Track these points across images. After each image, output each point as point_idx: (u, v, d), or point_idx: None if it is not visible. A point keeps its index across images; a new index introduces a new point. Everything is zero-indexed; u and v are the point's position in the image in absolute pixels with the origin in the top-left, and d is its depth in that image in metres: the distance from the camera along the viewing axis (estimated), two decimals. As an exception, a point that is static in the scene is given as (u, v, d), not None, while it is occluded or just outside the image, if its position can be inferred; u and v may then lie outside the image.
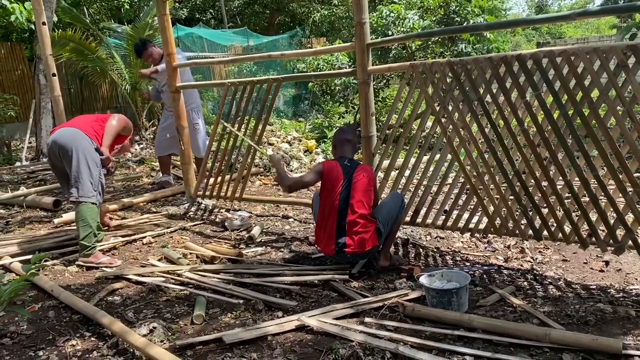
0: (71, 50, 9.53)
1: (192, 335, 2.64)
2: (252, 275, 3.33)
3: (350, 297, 2.98)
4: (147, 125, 10.31)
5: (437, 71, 3.49)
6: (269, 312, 2.87)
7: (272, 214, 4.82)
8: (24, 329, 2.80)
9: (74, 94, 13.13)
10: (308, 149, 7.33)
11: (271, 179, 6.18)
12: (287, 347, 2.48)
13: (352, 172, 3.36)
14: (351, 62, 7.91)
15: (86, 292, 3.25)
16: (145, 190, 5.94)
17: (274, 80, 4.43)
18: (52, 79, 6.44)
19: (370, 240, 3.23)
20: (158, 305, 3.01)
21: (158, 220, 4.75)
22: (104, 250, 3.96)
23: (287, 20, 18.85)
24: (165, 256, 3.77)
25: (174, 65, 4.95)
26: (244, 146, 4.97)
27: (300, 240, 4.02)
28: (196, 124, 5.75)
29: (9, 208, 5.54)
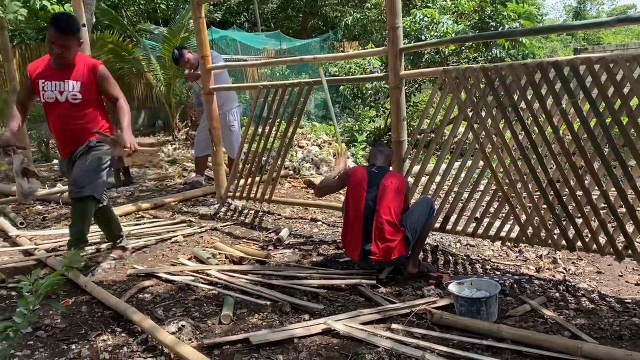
0: (109, 51, 9.76)
1: (219, 335, 2.67)
2: (279, 277, 3.35)
3: (377, 303, 2.97)
4: (181, 126, 10.47)
5: (470, 77, 3.46)
6: (295, 315, 2.88)
7: (301, 216, 4.84)
8: (57, 322, 2.88)
9: (110, 94, 13.41)
10: (338, 152, 7.33)
11: (300, 182, 6.21)
12: (313, 350, 2.49)
13: (380, 178, 3.34)
14: (383, 66, 7.89)
15: (117, 288, 3.32)
16: (177, 190, 6.04)
17: (305, 83, 4.45)
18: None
19: (397, 249, 3.19)
20: (187, 304, 3.06)
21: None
22: (136, 249, 4.04)
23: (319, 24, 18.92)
24: (195, 255, 3.82)
25: (208, 67, 5.03)
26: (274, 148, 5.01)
27: (328, 244, 4.03)
28: (232, 126, 5.84)
29: (45, 204, 5.70)
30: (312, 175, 6.41)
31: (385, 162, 3.53)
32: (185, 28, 9.79)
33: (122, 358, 2.48)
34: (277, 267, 3.57)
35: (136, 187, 6.37)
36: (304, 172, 6.57)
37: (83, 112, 3.47)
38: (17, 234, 4.32)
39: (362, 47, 11.10)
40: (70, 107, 3.43)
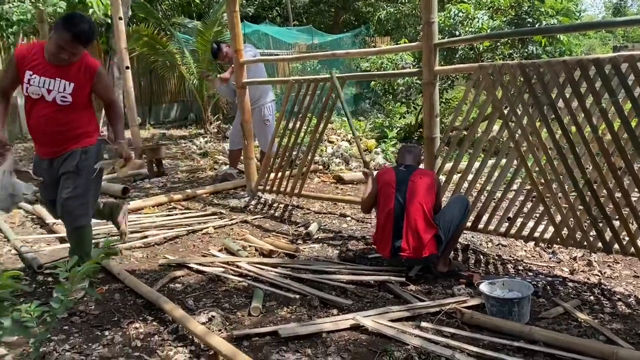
0: (144, 44, 9.92)
1: (249, 327, 2.69)
2: (308, 271, 3.36)
3: (406, 300, 2.95)
4: (212, 119, 10.58)
5: (507, 73, 3.39)
6: (324, 309, 2.89)
7: (330, 211, 4.84)
8: (92, 309, 2.95)
9: (143, 87, 13.67)
10: (368, 148, 7.30)
11: (329, 177, 6.21)
12: (342, 346, 2.49)
13: (409, 176, 3.33)
14: (415, 61, 7.81)
15: (149, 277, 3.39)
16: (209, 183, 6.11)
17: (338, 78, 4.43)
18: (126, 71, 6.77)
19: (428, 247, 3.17)
20: (217, 295, 3.10)
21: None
22: (167, 239, 4.10)
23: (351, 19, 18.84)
24: (225, 247, 3.87)
25: (241, 61, 5.06)
26: (304, 143, 5.03)
27: (357, 240, 4.02)
28: (267, 120, 5.86)
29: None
30: (342, 171, 6.40)
31: (414, 161, 3.51)
32: (219, 22, 9.87)
33: (153, 346, 2.52)
34: (306, 261, 3.58)
35: (168, 179, 6.47)
36: (333, 167, 6.57)
37: (70, 116, 3.06)
38: (54, 221, 4.43)
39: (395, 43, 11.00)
40: (56, 109, 3.00)
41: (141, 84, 13.42)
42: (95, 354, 2.47)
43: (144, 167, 4.43)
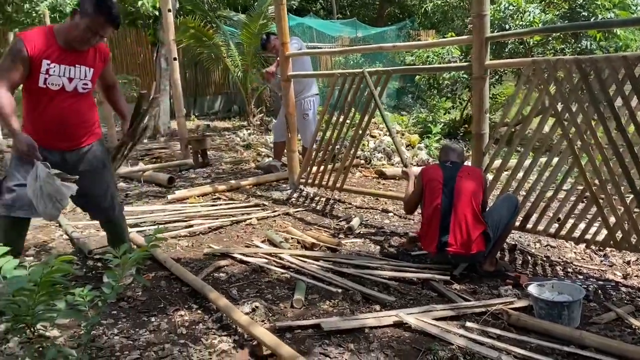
0: (190, 36, 10.08)
1: (291, 319, 2.70)
2: (350, 266, 3.35)
3: (450, 299, 2.90)
4: (255, 112, 10.68)
5: (561, 69, 3.27)
6: (366, 305, 2.87)
7: (372, 206, 4.81)
8: (139, 295, 3.03)
9: (189, 79, 13.91)
10: (410, 143, 7.21)
11: (371, 171, 6.16)
12: (385, 342, 2.47)
13: (456, 171, 3.29)
14: (462, 55, 7.65)
15: (194, 266, 3.44)
16: (252, 174, 6.17)
17: (383, 72, 4.39)
18: (173, 62, 6.89)
19: (476, 243, 3.11)
20: (260, 286, 3.12)
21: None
22: (212, 229, 4.16)
23: (396, 12, 18.62)
24: (268, 238, 3.89)
25: (287, 54, 5.07)
26: (347, 137, 5.00)
27: (400, 236, 3.97)
28: (306, 114, 5.87)
29: (128, 182, 5.99)
30: (384, 166, 6.35)
31: (459, 159, 3.45)
32: (264, 15, 9.93)
33: (198, 334, 2.56)
34: (348, 255, 3.57)
35: (213, 169, 6.57)
36: (375, 162, 6.52)
37: (87, 105, 2.95)
38: (103, 208, 4.56)
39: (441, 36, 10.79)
40: (77, 99, 2.86)
41: (187, 75, 13.66)
42: (142, 340, 2.52)
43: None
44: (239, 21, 11.19)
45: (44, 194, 2.66)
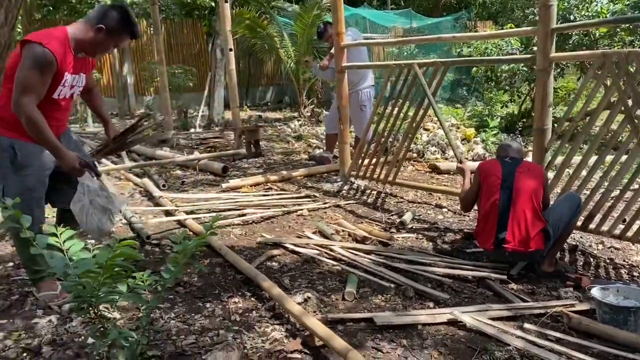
0: (245, 27, 10.18)
1: (343, 311, 2.70)
2: (402, 261, 3.30)
3: (507, 299, 2.82)
4: (307, 103, 10.70)
5: (634, 62, 3.09)
6: (419, 301, 2.83)
7: (425, 201, 4.73)
8: (195, 280, 3.10)
9: (242, 69, 14.09)
10: (466, 137, 7.04)
11: (424, 165, 6.06)
12: (438, 340, 2.42)
13: (515, 167, 3.19)
14: (523, 47, 7.38)
15: (248, 254, 3.49)
16: (302, 165, 6.19)
17: (441, 63, 4.28)
18: (229, 53, 6.99)
19: (535, 241, 3.00)
20: (312, 277, 3.13)
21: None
22: (264, 218, 4.21)
23: (452, 2, 18.18)
24: (319, 230, 3.89)
25: (342, 45, 5.03)
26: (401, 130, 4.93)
27: (454, 232, 3.89)
28: (363, 105, 5.83)
29: (184, 170, 6.15)
30: (437, 160, 6.23)
31: (518, 155, 3.34)
32: (318, 5, 9.90)
33: (251, 322, 2.60)
34: (400, 250, 3.52)
35: (265, 160, 6.64)
36: (428, 155, 6.41)
37: (70, 103, 2.87)
38: (160, 195, 4.70)
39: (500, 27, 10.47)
40: (67, 101, 2.78)
41: (240, 66, 13.84)
42: (197, 325, 2.58)
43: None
44: (293, 12, 11.21)
45: (97, 208, 2.65)
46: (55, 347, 2.36)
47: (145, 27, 13.07)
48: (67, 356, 2.28)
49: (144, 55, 12.94)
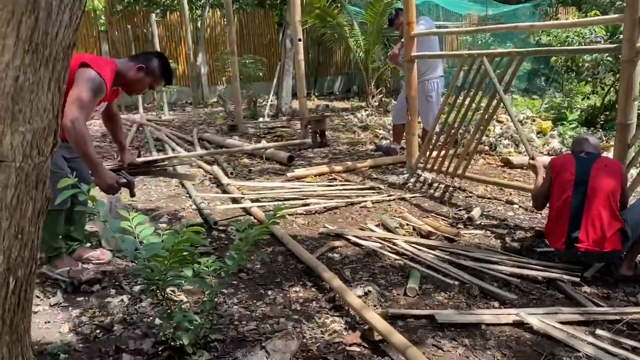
0: (315, 17, 10.19)
1: (404, 307, 2.66)
2: (468, 258, 3.21)
3: (579, 303, 2.67)
4: (375, 93, 10.61)
5: None
6: (483, 300, 2.74)
7: (495, 197, 4.56)
8: (257, 268, 3.16)
9: (311, 59, 14.17)
10: (542, 130, 6.71)
11: (496, 159, 5.85)
12: (502, 341, 2.34)
13: (591, 162, 3.01)
14: (608, 36, 6.92)
15: (310, 244, 3.51)
16: (368, 156, 6.15)
17: (517, 53, 4.09)
18: (298, 43, 7.03)
19: (611, 241, 2.83)
20: (373, 270, 3.11)
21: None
22: (327, 209, 4.22)
23: (531, -12, 17.33)
24: (382, 223, 3.86)
25: (412, 34, 4.92)
26: (472, 121, 4.78)
27: (525, 230, 3.73)
28: (429, 96, 5.71)
29: (252, 158, 6.27)
30: (510, 154, 5.98)
31: (595, 151, 3.15)
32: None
33: (311, 312, 2.62)
34: (466, 247, 3.42)
35: (330, 150, 6.65)
36: (501, 149, 6.17)
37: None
38: (228, 182, 4.82)
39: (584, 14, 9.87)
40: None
41: (309, 56, 13.92)
42: (258, 311, 2.63)
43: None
44: (364, 0, 11.11)
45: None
46: (125, 325, 2.49)
47: (218, 18, 13.41)
48: (136, 335, 2.39)
49: (217, 46, 13.29)
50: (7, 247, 1.08)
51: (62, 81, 1.09)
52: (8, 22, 0.96)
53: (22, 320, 1.18)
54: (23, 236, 1.11)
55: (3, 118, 1.01)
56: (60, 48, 1.05)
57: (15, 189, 1.07)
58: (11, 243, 1.09)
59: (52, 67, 1.05)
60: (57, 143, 1.14)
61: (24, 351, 1.21)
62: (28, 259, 1.13)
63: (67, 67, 1.08)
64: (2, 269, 1.08)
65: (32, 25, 0.99)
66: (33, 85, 1.03)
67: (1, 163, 1.03)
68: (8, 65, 1.00)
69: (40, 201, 1.12)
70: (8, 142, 1.03)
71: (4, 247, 1.08)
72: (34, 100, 1.04)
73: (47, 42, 1.03)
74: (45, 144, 1.09)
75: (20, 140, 1.04)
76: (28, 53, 1.00)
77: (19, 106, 1.02)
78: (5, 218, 1.07)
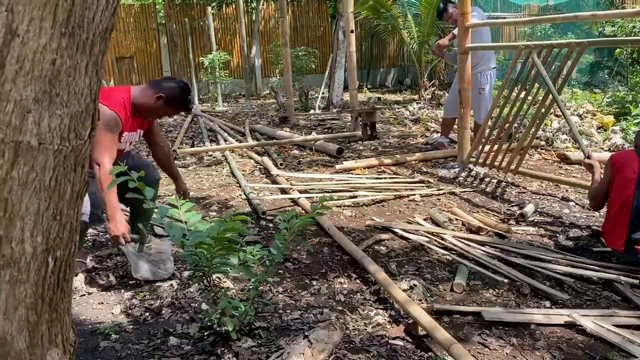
0: (369, 8, 10.13)
1: (450, 302, 2.61)
2: (519, 256, 3.11)
3: (637, 306, 2.54)
4: (427, 85, 10.43)
5: None
6: (534, 299, 2.65)
7: (550, 193, 4.39)
8: (303, 258, 3.18)
9: (364, 51, 14.09)
10: (603, 125, 6.40)
11: (553, 154, 5.63)
12: (553, 342, 2.26)
13: None
14: (679, 26, 6.52)
15: (356, 236, 3.50)
16: (418, 149, 6.06)
17: (577, 44, 3.91)
18: (350, 35, 6.99)
19: None
20: (419, 264, 3.06)
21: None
22: (375, 201, 4.19)
23: (596, -24, 16.53)
24: (431, 217, 3.79)
25: (467, 25, 4.80)
26: (528, 116, 4.61)
27: (581, 229, 3.57)
28: (482, 89, 5.55)
29: (301, 149, 6.31)
30: (568, 149, 5.75)
31: None
32: (446, -16, 9.53)
33: (355, 304, 2.61)
34: (518, 244, 3.32)
35: (380, 142, 6.59)
36: (557, 144, 5.93)
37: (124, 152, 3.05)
38: (277, 173, 4.87)
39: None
40: (122, 152, 2.98)
41: (362, 48, 13.84)
42: (303, 301, 2.65)
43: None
44: (418, -9, 10.93)
45: (145, 262, 2.84)
46: (174, 309, 2.56)
47: (273, 10, 13.53)
48: (184, 319, 2.46)
49: (271, 38, 13.42)
50: (46, 229, 1.12)
51: (100, 65, 1.11)
52: (45, 5, 0.99)
53: (62, 299, 1.22)
54: (62, 218, 1.15)
55: (41, 101, 1.04)
56: (97, 31, 1.07)
57: (54, 172, 1.10)
58: (50, 224, 1.13)
59: (89, 51, 1.08)
60: (96, 127, 1.17)
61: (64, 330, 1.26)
62: (67, 241, 1.17)
63: (105, 51, 1.11)
64: (41, 249, 1.13)
65: (69, 8, 1.01)
66: (70, 69, 1.06)
67: (40, 146, 1.06)
68: (45, 48, 1.03)
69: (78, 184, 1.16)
70: (46, 125, 1.06)
71: (42, 228, 1.12)
72: (71, 84, 1.07)
73: (84, 25, 1.05)
74: (83, 128, 1.12)
75: (58, 123, 1.07)
76: (65, 36, 1.03)
77: (56, 90, 1.05)
78: (44, 200, 1.10)
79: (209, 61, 10.39)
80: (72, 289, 1.33)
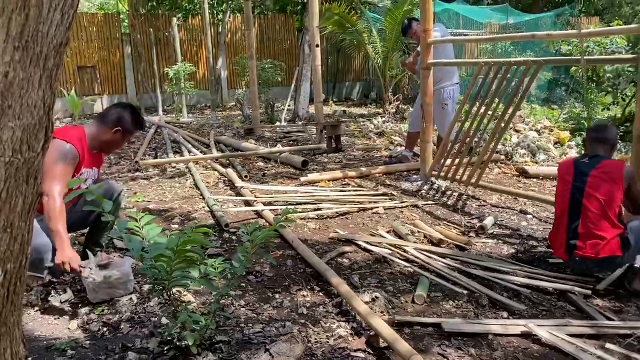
0: (334, 23, 10.25)
1: (411, 314, 2.64)
2: (479, 267, 3.18)
3: (590, 316, 2.63)
4: (392, 99, 10.59)
5: None
6: (492, 310, 2.71)
7: (509, 206, 4.51)
8: (266, 271, 3.17)
9: (330, 65, 14.22)
10: (559, 141, 6.63)
11: (512, 168, 5.79)
12: (510, 352, 2.31)
13: (591, 168, 2.93)
14: (630, 46, 6.83)
15: (320, 249, 3.51)
16: (383, 163, 6.13)
17: (534, 62, 4.06)
18: (316, 49, 7.06)
19: (609, 247, 2.81)
20: (382, 276, 3.09)
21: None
22: (339, 214, 4.22)
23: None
24: (394, 230, 3.84)
25: (429, 41, 4.91)
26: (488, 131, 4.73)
27: (538, 241, 3.68)
28: (445, 104, 5.66)
29: (267, 161, 6.30)
30: (527, 163, 5.92)
31: (605, 151, 3.05)
32: (410, 1, 9.75)
33: (317, 317, 2.61)
34: (477, 256, 3.39)
35: (345, 155, 6.65)
36: (517, 158, 6.10)
37: None
38: (242, 185, 4.85)
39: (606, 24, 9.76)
40: None
41: (328, 61, 13.96)
42: (265, 314, 2.64)
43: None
44: (383, 8, 11.13)
45: (109, 286, 2.73)
46: (133, 324, 2.51)
47: (239, 23, 13.54)
48: (143, 334, 2.42)
49: (238, 50, 13.40)
50: (-4, 241, 1.10)
51: (54, 79, 1.11)
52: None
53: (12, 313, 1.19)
54: (13, 230, 1.12)
55: (-7, 114, 1.03)
56: (52, 46, 1.07)
57: (5, 184, 1.08)
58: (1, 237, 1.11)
59: (43, 65, 1.07)
60: (49, 139, 1.16)
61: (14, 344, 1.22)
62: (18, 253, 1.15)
63: (59, 65, 1.11)
64: (-10, 261, 1.10)
65: (22, 23, 1.01)
66: (23, 82, 1.05)
67: (-9, 158, 1.05)
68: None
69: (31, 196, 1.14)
70: (-2, 137, 1.05)
71: (-8, 240, 1.09)
72: (24, 97, 1.06)
73: (38, 39, 1.05)
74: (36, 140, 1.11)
75: (10, 135, 1.06)
76: (18, 50, 1.02)
77: (9, 102, 1.04)
78: (-6, 212, 1.08)
79: (174, 72, 10.30)
80: (22, 303, 1.29)
